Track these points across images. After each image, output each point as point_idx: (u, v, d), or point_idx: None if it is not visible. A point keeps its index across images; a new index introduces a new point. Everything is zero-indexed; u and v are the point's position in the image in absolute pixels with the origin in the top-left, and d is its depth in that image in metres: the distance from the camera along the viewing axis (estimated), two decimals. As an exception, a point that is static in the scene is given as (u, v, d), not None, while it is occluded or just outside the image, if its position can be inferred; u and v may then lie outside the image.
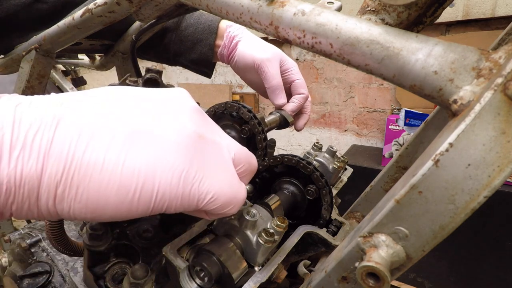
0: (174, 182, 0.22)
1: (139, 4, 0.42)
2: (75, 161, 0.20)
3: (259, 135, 0.43)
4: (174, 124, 0.24)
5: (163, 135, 0.23)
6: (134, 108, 0.23)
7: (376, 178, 0.47)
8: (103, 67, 0.83)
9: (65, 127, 0.20)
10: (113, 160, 0.21)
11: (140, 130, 0.22)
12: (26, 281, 0.50)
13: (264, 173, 0.44)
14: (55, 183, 0.20)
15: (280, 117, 0.56)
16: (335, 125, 2.17)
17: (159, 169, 0.22)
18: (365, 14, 0.26)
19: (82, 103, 0.22)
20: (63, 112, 0.20)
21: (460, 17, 1.51)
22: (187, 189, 0.23)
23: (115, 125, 0.21)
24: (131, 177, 0.21)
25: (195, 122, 0.25)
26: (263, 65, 0.60)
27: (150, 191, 0.22)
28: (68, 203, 0.21)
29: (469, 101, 0.19)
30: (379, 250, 0.20)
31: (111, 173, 0.20)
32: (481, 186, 0.17)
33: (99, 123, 0.21)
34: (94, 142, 0.20)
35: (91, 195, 0.21)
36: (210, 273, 0.30)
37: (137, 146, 0.21)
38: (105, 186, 0.21)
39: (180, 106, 0.25)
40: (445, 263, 1.41)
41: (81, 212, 0.21)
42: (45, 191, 0.20)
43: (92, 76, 3.21)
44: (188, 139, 0.24)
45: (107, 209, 0.21)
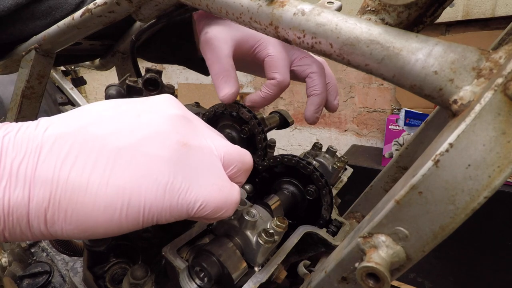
0: (159, 195, 0.23)
1: (138, 4, 0.42)
2: (60, 184, 0.20)
3: (259, 135, 0.43)
4: (156, 137, 0.24)
5: (145, 150, 0.23)
6: (116, 125, 0.23)
7: (376, 178, 0.47)
8: (103, 67, 0.83)
9: (48, 153, 0.21)
10: (97, 181, 0.21)
11: (122, 147, 0.22)
12: (26, 281, 0.50)
13: (264, 173, 0.44)
14: (44, 209, 0.20)
15: (280, 117, 0.56)
16: (335, 125, 2.17)
17: (143, 185, 0.22)
18: (365, 14, 0.26)
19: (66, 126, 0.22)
20: (46, 138, 0.21)
21: (460, 17, 1.51)
22: (174, 200, 0.23)
23: (97, 146, 0.22)
24: (116, 196, 0.21)
25: (178, 131, 0.25)
26: (205, 45, 0.43)
27: (137, 207, 0.22)
28: (60, 225, 0.21)
29: (469, 101, 0.19)
30: (379, 251, 0.20)
31: (96, 194, 0.21)
32: (481, 186, 0.17)
33: (82, 146, 0.21)
34: (78, 165, 0.21)
35: (80, 216, 0.21)
36: (209, 273, 0.29)
37: (120, 165, 0.22)
38: (92, 207, 0.21)
39: (161, 116, 0.25)
40: (445, 263, 1.41)
41: (74, 233, 0.22)
42: (35, 216, 0.20)
43: (92, 76, 3.21)
44: (170, 150, 0.24)
45: (98, 228, 0.22)
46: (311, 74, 0.44)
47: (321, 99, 0.44)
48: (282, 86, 0.42)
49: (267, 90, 0.43)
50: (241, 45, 0.43)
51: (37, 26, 0.53)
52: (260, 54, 0.43)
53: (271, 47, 0.42)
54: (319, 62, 0.45)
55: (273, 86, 0.42)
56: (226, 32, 0.42)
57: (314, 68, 0.44)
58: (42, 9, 0.52)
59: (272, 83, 0.42)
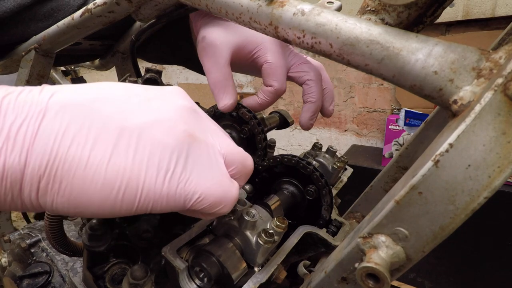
0: (159, 182, 0.22)
1: (138, 4, 0.42)
2: (59, 155, 0.20)
3: (259, 135, 0.43)
4: (163, 123, 0.23)
5: (151, 135, 0.22)
6: (125, 105, 0.23)
7: (376, 178, 0.47)
8: (103, 67, 0.83)
9: (50, 121, 0.20)
10: (98, 157, 0.21)
11: (128, 128, 0.22)
12: (25, 282, 0.50)
13: (264, 174, 0.44)
14: (38, 177, 0.20)
15: (280, 117, 0.56)
16: (335, 125, 2.17)
17: (144, 169, 0.22)
18: (365, 14, 0.26)
19: (73, 96, 0.21)
20: (50, 105, 0.20)
21: (460, 17, 1.50)
22: (172, 189, 0.23)
23: (103, 121, 0.21)
24: (116, 175, 0.21)
25: (186, 121, 0.25)
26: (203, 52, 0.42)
27: (134, 190, 0.22)
28: (51, 196, 0.21)
29: (469, 102, 0.19)
30: (379, 251, 0.20)
31: (95, 170, 0.21)
32: (481, 186, 0.17)
33: (87, 119, 0.21)
34: (80, 138, 0.20)
35: (74, 190, 0.21)
36: (209, 273, 0.29)
37: (123, 145, 0.21)
38: (89, 182, 0.21)
39: (172, 104, 0.25)
40: (445, 263, 1.41)
41: (63, 207, 0.21)
42: (28, 183, 0.20)
43: (92, 76, 3.21)
44: (176, 138, 0.23)
45: (90, 205, 0.21)
46: (308, 81, 0.44)
47: (316, 107, 0.45)
48: (279, 93, 0.43)
49: (263, 97, 0.43)
50: (239, 50, 0.42)
51: (39, 27, 0.53)
52: (258, 60, 0.43)
53: (269, 54, 0.42)
54: (316, 69, 0.45)
55: (270, 93, 0.43)
56: (224, 38, 0.42)
57: (312, 75, 0.44)
58: (44, 11, 0.52)
59: (269, 90, 0.42)
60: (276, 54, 0.42)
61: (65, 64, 0.98)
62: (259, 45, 0.42)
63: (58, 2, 0.54)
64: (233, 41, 0.42)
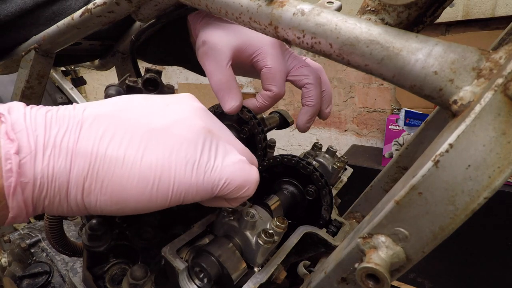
0: (188, 173, 0.25)
1: (138, 4, 0.42)
2: (99, 157, 0.23)
3: (259, 135, 0.43)
4: (184, 122, 0.26)
5: (175, 132, 0.25)
6: (148, 111, 0.26)
7: (376, 178, 0.47)
8: (103, 67, 0.83)
9: (88, 129, 0.23)
10: (132, 155, 0.23)
11: (154, 129, 0.25)
12: (25, 282, 0.50)
13: (263, 174, 0.44)
14: (83, 178, 0.22)
15: (280, 117, 0.56)
16: (335, 125, 2.17)
17: (173, 162, 0.24)
18: (365, 14, 0.26)
19: (102, 108, 0.25)
20: (85, 117, 0.23)
21: (460, 17, 1.50)
22: (200, 177, 0.25)
23: (133, 126, 0.24)
24: (149, 170, 0.24)
25: (203, 120, 0.28)
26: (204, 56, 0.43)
27: (167, 182, 0.24)
28: (95, 196, 0.23)
29: (469, 102, 0.19)
30: (378, 251, 0.20)
31: (131, 167, 0.23)
32: (481, 187, 0.17)
33: (118, 125, 0.24)
34: (114, 142, 0.23)
35: (115, 187, 0.23)
36: (209, 274, 0.29)
37: (152, 143, 0.24)
38: (126, 179, 0.23)
39: (188, 106, 0.28)
40: (445, 263, 1.41)
41: (106, 205, 0.24)
42: (74, 185, 0.22)
43: (92, 76, 3.21)
44: (198, 134, 0.26)
45: (129, 200, 0.24)
46: (308, 85, 0.44)
47: (314, 110, 0.45)
48: (278, 97, 0.43)
49: (262, 101, 0.44)
50: (239, 53, 0.43)
51: (41, 31, 0.53)
52: (258, 64, 0.43)
53: (269, 58, 0.42)
54: (316, 72, 0.45)
55: (268, 98, 0.43)
56: (225, 41, 0.42)
57: (311, 78, 0.44)
58: (46, 14, 0.52)
59: (268, 95, 0.43)
60: (276, 59, 0.42)
61: (65, 64, 0.98)
62: (258, 49, 0.42)
63: (60, 5, 0.54)
64: (234, 43, 0.42)
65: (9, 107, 0.22)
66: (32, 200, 0.21)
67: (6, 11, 0.49)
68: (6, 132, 0.20)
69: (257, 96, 0.44)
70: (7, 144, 0.20)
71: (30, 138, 0.21)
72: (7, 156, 0.20)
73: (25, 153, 0.20)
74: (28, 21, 0.52)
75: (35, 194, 0.21)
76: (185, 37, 0.54)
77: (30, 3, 0.50)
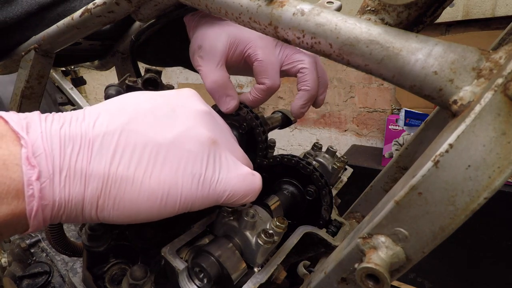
0: (194, 187, 0.26)
1: (138, 4, 0.42)
2: (110, 178, 0.24)
3: (260, 136, 0.43)
4: (190, 133, 0.27)
5: (182, 146, 0.26)
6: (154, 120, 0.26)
7: (376, 178, 0.47)
8: (103, 67, 0.83)
9: (99, 149, 0.24)
10: (141, 174, 0.24)
11: (161, 143, 0.25)
12: (25, 282, 0.50)
13: (263, 174, 0.44)
14: (96, 196, 0.24)
15: (282, 116, 0.55)
16: (335, 125, 2.17)
17: (180, 178, 0.25)
18: (365, 14, 0.26)
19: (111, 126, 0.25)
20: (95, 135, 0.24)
21: (460, 17, 1.50)
22: (205, 191, 0.27)
23: (141, 142, 0.25)
24: (158, 187, 0.25)
25: (208, 128, 0.28)
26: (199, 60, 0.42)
27: (175, 197, 0.25)
28: (108, 211, 0.24)
29: (469, 102, 0.19)
30: (378, 252, 0.20)
31: (140, 185, 0.24)
32: (481, 187, 0.17)
33: (127, 142, 0.25)
34: (124, 160, 0.24)
35: (127, 204, 0.24)
36: (209, 274, 0.29)
37: (160, 159, 0.25)
38: (137, 196, 0.24)
39: (193, 111, 0.29)
40: (445, 263, 1.41)
41: (119, 218, 0.25)
42: (88, 203, 0.24)
43: (92, 76, 3.21)
44: (203, 147, 0.27)
45: (140, 214, 0.25)
46: (302, 69, 0.43)
47: (310, 95, 0.44)
48: (272, 90, 0.42)
49: (256, 94, 0.43)
50: (231, 51, 0.42)
51: None
52: (249, 59, 0.43)
53: (259, 51, 0.41)
54: (311, 57, 0.44)
55: (262, 91, 0.42)
56: (217, 42, 0.41)
57: (306, 63, 0.43)
58: (51, 16, 0.53)
59: (261, 88, 0.42)
60: (266, 51, 0.42)
61: (65, 65, 0.98)
62: (248, 43, 0.42)
63: (65, 7, 0.54)
64: (225, 43, 0.42)
65: (27, 124, 0.23)
66: (50, 217, 0.23)
67: (12, 13, 0.49)
68: (28, 158, 0.21)
69: (251, 90, 0.44)
70: (29, 171, 0.21)
71: (49, 162, 0.22)
72: (29, 182, 0.21)
73: (45, 177, 0.22)
74: (32, 23, 0.52)
75: (53, 213, 0.23)
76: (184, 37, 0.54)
77: (35, 5, 0.51)
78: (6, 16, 0.49)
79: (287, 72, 0.45)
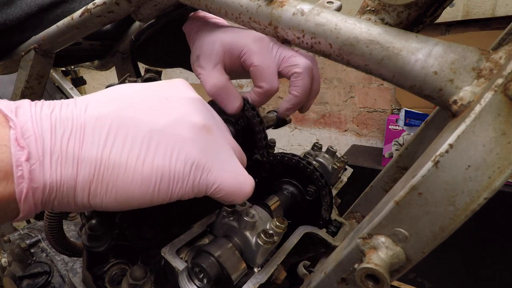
0: (186, 173, 0.25)
1: (138, 4, 0.42)
2: (103, 163, 0.23)
3: (259, 134, 0.43)
4: (184, 120, 0.26)
5: (176, 133, 0.25)
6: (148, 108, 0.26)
7: (376, 178, 0.47)
8: (103, 67, 0.83)
9: (91, 133, 0.23)
10: (134, 160, 0.24)
11: (155, 130, 0.25)
12: (25, 282, 0.50)
13: (263, 174, 0.44)
14: (88, 182, 0.23)
15: (277, 116, 0.55)
16: (335, 125, 2.17)
17: (173, 164, 0.25)
18: (365, 14, 0.26)
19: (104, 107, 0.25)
20: (88, 119, 0.24)
21: (460, 17, 1.50)
22: (197, 178, 0.26)
23: (133, 128, 0.24)
24: (151, 173, 0.24)
25: (202, 116, 0.28)
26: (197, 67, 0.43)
27: (167, 183, 0.25)
28: (100, 198, 0.24)
29: (469, 102, 0.19)
30: (378, 252, 0.20)
31: (134, 171, 0.24)
32: (481, 187, 0.17)
33: (120, 127, 0.24)
34: (117, 146, 0.24)
35: (119, 190, 0.24)
36: (209, 274, 0.29)
37: (153, 145, 0.25)
38: (130, 182, 0.24)
39: (187, 100, 0.28)
40: (445, 263, 1.41)
41: (112, 204, 0.25)
42: (80, 188, 0.23)
43: (92, 76, 3.21)
44: (198, 134, 0.26)
45: (133, 200, 0.25)
46: (296, 74, 0.43)
47: (298, 101, 0.44)
48: (270, 93, 0.42)
49: (254, 97, 0.43)
50: (229, 57, 0.43)
51: None
52: (246, 64, 0.42)
53: (255, 56, 0.41)
54: (307, 63, 0.44)
55: (260, 94, 0.42)
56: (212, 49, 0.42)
57: (300, 68, 0.43)
58: (50, 17, 0.53)
59: (259, 92, 0.42)
60: (262, 55, 0.41)
61: (65, 65, 0.98)
62: (243, 49, 0.41)
63: (64, 8, 0.54)
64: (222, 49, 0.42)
65: (16, 108, 0.22)
66: (41, 202, 0.22)
67: (12, 16, 0.49)
68: (16, 139, 0.21)
69: (250, 93, 0.43)
70: (17, 152, 0.20)
71: (38, 144, 0.21)
72: (18, 163, 0.20)
73: (34, 159, 0.21)
74: (32, 24, 0.52)
75: (45, 197, 0.22)
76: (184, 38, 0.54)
77: (34, 7, 0.51)
78: (6, 19, 0.49)
79: (282, 73, 0.45)
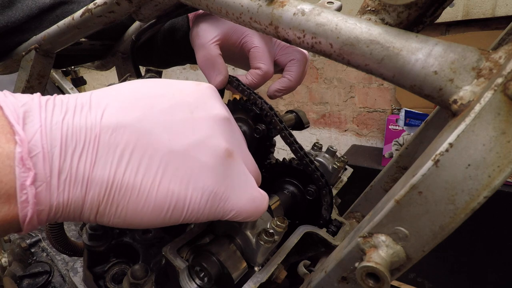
0: (202, 203, 0.24)
1: (138, 4, 0.42)
2: (115, 184, 0.21)
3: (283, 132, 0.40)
4: (206, 143, 0.24)
5: (196, 157, 0.24)
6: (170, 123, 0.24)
7: (376, 178, 0.47)
8: (103, 67, 0.83)
9: (106, 148, 0.21)
10: (149, 183, 0.22)
11: (174, 151, 0.23)
12: (26, 281, 0.50)
13: (263, 174, 0.44)
14: (98, 202, 0.22)
15: (295, 117, 0.53)
16: (335, 125, 2.17)
17: (189, 191, 0.23)
18: (365, 14, 0.26)
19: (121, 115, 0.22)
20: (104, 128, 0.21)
21: (460, 17, 1.50)
22: (213, 208, 0.25)
23: (152, 146, 0.22)
24: (165, 199, 0.23)
25: (226, 138, 0.26)
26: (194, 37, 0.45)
27: (181, 210, 0.24)
28: (108, 218, 0.23)
29: (469, 101, 0.19)
30: (379, 251, 0.20)
31: (146, 195, 0.22)
32: (481, 186, 0.17)
33: (137, 143, 0.22)
34: (132, 164, 0.22)
35: (129, 213, 0.23)
36: (209, 273, 0.29)
37: (171, 168, 0.23)
38: (141, 207, 0.22)
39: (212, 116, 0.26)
40: (445, 263, 1.41)
41: (118, 224, 0.23)
42: (88, 208, 0.22)
43: (92, 76, 3.21)
44: (218, 160, 0.25)
45: (142, 222, 0.23)
46: (293, 61, 0.46)
47: (290, 85, 0.46)
48: (266, 76, 0.44)
49: (252, 78, 0.44)
50: (228, 37, 0.45)
51: None
52: (246, 45, 0.45)
53: (256, 39, 0.44)
54: (304, 53, 0.47)
55: (257, 75, 0.44)
56: (213, 25, 0.44)
57: (296, 55, 0.46)
58: (50, 18, 0.53)
59: (257, 72, 0.44)
60: (263, 40, 0.44)
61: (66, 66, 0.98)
62: (245, 32, 0.44)
63: (63, 9, 0.54)
64: (221, 27, 0.44)
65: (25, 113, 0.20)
66: (46, 221, 0.21)
67: (13, 18, 0.50)
68: (22, 159, 0.18)
69: (247, 74, 0.45)
70: (22, 173, 0.18)
71: (46, 163, 0.19)
72: (22, 187, 0.18)
73: (41, 181, 0.19)
74: (32, 25, 0.53)
75: (50, 217, 0.21)
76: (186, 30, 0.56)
77: (35, 9, 0.51)
78: (8, 21, 0.50)
79: (278, 62, 0.48)
